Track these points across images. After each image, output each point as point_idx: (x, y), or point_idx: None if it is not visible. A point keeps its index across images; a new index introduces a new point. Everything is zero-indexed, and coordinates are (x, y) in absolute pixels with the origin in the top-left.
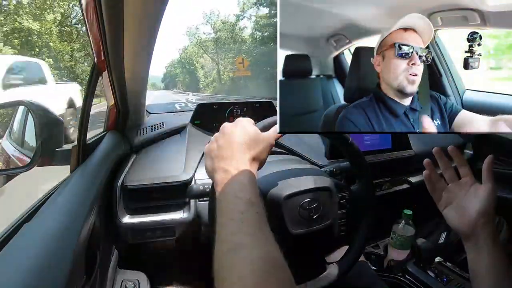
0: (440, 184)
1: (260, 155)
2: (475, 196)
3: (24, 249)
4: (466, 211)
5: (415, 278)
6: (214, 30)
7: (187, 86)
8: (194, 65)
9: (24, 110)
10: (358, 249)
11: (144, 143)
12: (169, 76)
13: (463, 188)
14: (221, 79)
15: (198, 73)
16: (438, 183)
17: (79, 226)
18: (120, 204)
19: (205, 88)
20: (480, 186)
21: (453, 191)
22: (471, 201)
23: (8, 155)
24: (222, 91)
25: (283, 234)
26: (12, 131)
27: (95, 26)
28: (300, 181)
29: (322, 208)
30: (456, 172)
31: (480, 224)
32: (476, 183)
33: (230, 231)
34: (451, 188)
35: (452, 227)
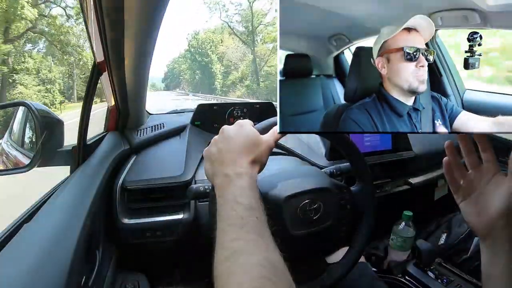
0: (460, 171)
1: (261, 158)
2: (496, 189)
3: (24, 249)
4: (485, 209)
5: (415, 279)
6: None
7: (196, 86)
8: (208, 56)
9: (25, 110)
10: (358, 250)
11: (144, 144)
12: (171, 75)
13: (485, 176)
14: (261, 76)
15: (214, 67)
16: (458, 170)
17: (79, 226)
18: (120, 204)
19: (228, 90)
20: (504, 178)
21: (473, 179)
22: (491, 195)
23: (8, 155)
24: (261, 96)
25: (283, 236)
26: (12, 131)
27: (95, 26)
28: (300, 182)
29: (323, 209)
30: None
31: (499, 226)
32: (500, 173)
33: (230, 237)
34: (472, 176)
35: (467, 224)
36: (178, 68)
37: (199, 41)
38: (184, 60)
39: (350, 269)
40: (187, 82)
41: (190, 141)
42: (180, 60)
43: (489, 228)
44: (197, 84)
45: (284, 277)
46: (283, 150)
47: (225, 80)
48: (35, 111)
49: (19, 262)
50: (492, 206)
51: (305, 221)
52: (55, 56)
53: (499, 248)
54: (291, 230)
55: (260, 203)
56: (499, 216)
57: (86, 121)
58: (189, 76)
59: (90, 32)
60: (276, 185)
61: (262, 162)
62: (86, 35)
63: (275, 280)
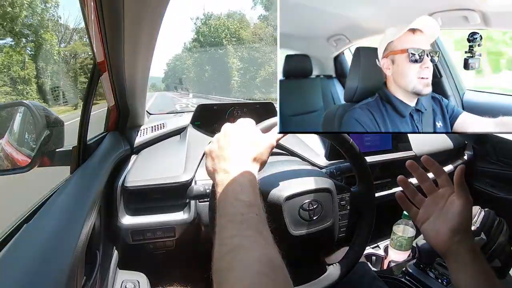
0: (417, 198)
1: (261, 156)
2: (449, 211)
3: (24, 249)
4: (441, 229)
5: (415, 279)
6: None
7: (204, 85)
8: (223, 46)
9: (25, 110)
10: (358, 250)
11: (144, 144)
12: (172, 74)
13: (440, 200)
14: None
15: (230, 61)
16: (414, 198)
17: (79, 226)
18: (120, 204)
19: (250, 89)
20: (454, 198)
21: (430, 205)
22: (445, 217)
23: (8, 155)
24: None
25: (283, 236)
26: (12, 131)
27: (95, 26)
28: (300, 182)
29: (323, 209)
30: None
31: (456, 242)
32: (454, 196)
33: (229, 234)
34: (429, 202)
35: (430, 244)
36: (181, 66)
37: (210, 27)
38: (190, 55)
39: (350, 269)
40: (191, 81)
41: (190, 141)
42: (184, 56)
43: (448, 245)
44: (205, 82)
45: (282, 274)
46: (283, 150)
47: (242, 79)
48: (35, 111)
49: (19, 263)
50: (445, 226)
51: (305, 221)
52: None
53: (461, 261)
54: (291, 230)
55: (260, 200)
56: (453, 233)
57: (86, 121)
58: (195, 74)
59: (90, 32)
60: (276, 185)
61: (263, 160)
62: (86, 34)
63: (273, 277)
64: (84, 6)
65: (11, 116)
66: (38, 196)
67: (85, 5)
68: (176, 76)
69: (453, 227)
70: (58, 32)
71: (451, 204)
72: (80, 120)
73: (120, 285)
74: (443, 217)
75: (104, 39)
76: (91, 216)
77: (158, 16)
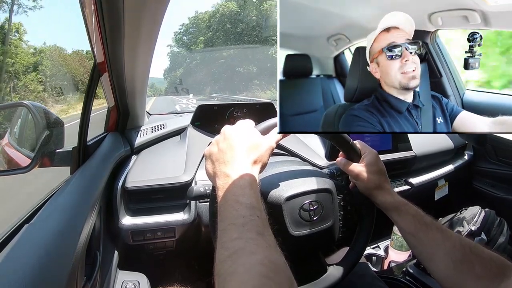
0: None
1: (262, 158)
2: (366, 163)
3: (25, 249)
4: (366, 176)
5: (415, 279)
6: None
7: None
8: (224, 46)
9: (25, 111)
10: (358, 251)
11: (145, 145)
12: (171, 74)
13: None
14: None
15: (230, 61)
16: (348, 168)
17: (79, 227)
18: (121, 205)
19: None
20: (366, 155)
21: (356, 166)
22: (365, 168)
23: (8, 156)
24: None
25: (284, 236)
26: (12, 132)
27: (96, 27)
28: (300, 182)
29: (323, 210)
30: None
31: (379, 182)
32: (364, 155)
33: (231, 237)
34: (355, 165)
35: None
36: (181, 66)
37: (226, 10)
38: (190, 55)
39: (351, 269)
40: (191, 81)
41: (191, 142)
42: (184, 56)
43: (374, 184)
44: (206, 83)
45: (284, 276)
46: (283, 150)
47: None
48: (35, 112)
49: (19, 263)
50: (369, 170)
51: (305, 221)
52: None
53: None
54: (291, 230)
55: (261, 203)
56: (373, 174)
57: (87, 121)
58: (195, 74)
59: (90, 32)
60: (276, 186)
61: (263, 162)
62: (86, 34)
63: (276, 279)
64: (84, 6)
65: (11, 116)
66: (38, 196)
67: (85, 6)
68: (176, 76)
69: (372, 170)
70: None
71: (364, 159)
72: (80, 121)
73: (121, 285)
74: (364, 169)
75: (104, 39)
76: (91, 216)
77: (158, 16)
